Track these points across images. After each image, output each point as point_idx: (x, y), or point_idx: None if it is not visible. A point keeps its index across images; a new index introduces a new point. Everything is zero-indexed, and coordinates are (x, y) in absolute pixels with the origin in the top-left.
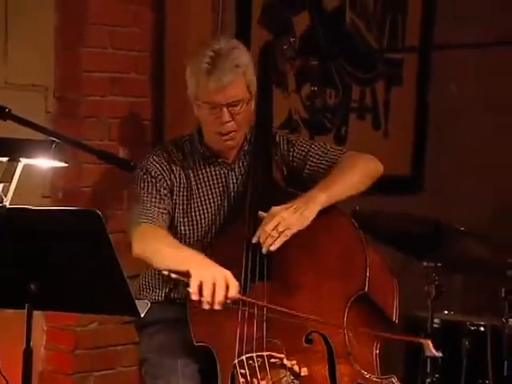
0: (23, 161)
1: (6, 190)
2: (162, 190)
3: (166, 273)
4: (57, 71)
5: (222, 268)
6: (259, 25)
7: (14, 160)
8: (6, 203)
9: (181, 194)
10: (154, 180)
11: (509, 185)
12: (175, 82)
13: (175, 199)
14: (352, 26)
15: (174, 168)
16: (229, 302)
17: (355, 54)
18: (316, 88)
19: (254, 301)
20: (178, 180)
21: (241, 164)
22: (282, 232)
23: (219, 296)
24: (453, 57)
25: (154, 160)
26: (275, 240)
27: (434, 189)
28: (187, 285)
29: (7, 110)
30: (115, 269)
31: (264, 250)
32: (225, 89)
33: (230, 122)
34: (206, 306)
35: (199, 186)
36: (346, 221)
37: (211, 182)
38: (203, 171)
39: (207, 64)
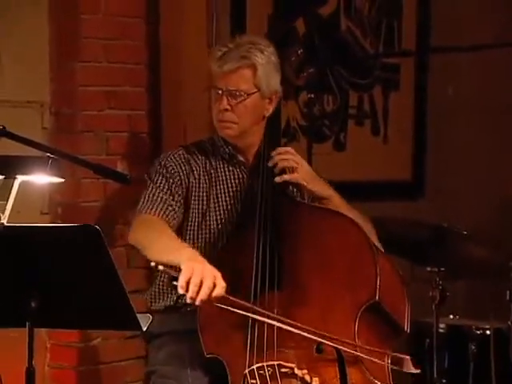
0: (20, 178)
1: (3, 208)
2: (173, 187)
3: (153, 264)
4: (52, 87)
5: (212, 267)
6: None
7: (10, 177)
8: (4, 221)
9: (200, 193)
10: (168, 175)
11: (510, 187)
12: (172, 93)
13: (193, 199)
14: (347, 31)
15: (195, 168)
16: (214, 301)
17: (352, 59)
18: (313, 95)
19: (237, 300)
20: (197, 179)
21: (258, 169)
22: (293, 168)
23: (203, 294)
24: (450, 60)
25: (173, 158)
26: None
27: (434, 193)
28: (174, 278)
29: (1, 127)
30: (116, 283)
31: (270, 164)
32: (226, 75)
33: (227, 110)
34: (189, 301)
35: (218, 185)
36: (356, 229)
37: (229, 183)
38: (224, 171)
39: (221, 52)
